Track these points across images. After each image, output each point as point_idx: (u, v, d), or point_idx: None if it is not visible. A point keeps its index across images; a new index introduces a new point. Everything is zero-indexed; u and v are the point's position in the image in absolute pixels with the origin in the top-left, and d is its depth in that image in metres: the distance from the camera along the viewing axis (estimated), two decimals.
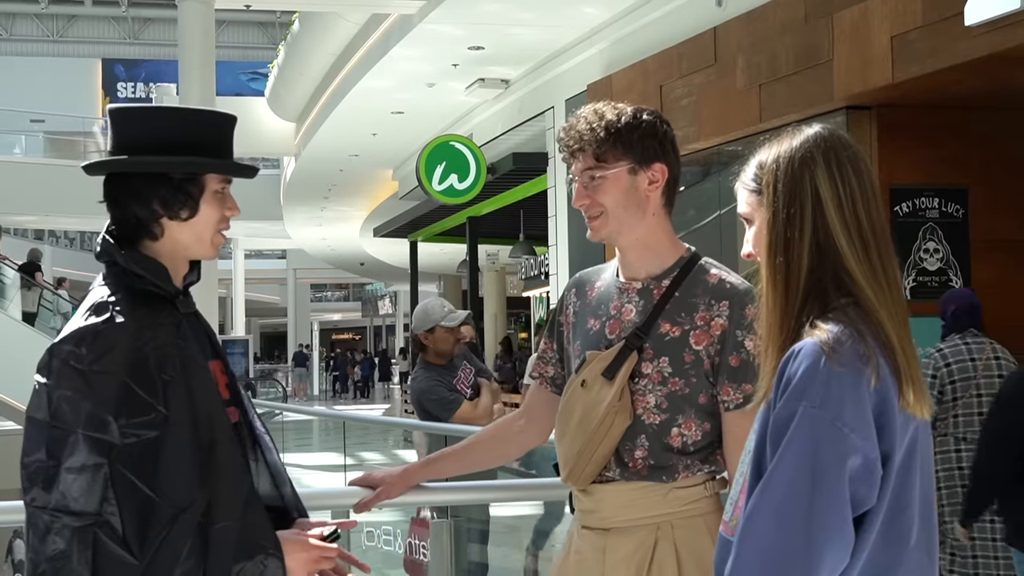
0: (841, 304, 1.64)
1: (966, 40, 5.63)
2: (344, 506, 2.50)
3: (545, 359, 2.51)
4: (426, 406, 5.50)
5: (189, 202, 2.01)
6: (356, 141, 15.43)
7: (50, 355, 1.89)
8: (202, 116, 2.09)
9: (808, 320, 1.64)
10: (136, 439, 1.86)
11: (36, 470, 1.84)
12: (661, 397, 2.23)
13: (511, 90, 12.11)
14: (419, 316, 5.59)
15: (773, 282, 1.69)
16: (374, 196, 20.17)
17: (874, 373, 1.57)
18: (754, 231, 1.75)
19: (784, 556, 1.54)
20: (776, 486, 1.56)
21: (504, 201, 14.07)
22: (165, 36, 39.29)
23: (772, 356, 1.67)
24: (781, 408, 1.58)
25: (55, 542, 1.82)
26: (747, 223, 1.77)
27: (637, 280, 2.32)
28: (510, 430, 2.57)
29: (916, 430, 1.63)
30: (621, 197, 2.28)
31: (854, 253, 1.65)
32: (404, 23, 10.42)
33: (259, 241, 33.57)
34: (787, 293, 1.67)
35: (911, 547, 1.62)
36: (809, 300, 1.66)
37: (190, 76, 10.48)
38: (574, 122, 2.32)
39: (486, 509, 5.59)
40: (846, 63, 6.49)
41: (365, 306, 51.67)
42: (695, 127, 7.98)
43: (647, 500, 2.24)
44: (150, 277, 1.99)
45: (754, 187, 1.74)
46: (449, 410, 5.43)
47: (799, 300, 1.66)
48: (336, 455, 10.59)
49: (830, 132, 1.72)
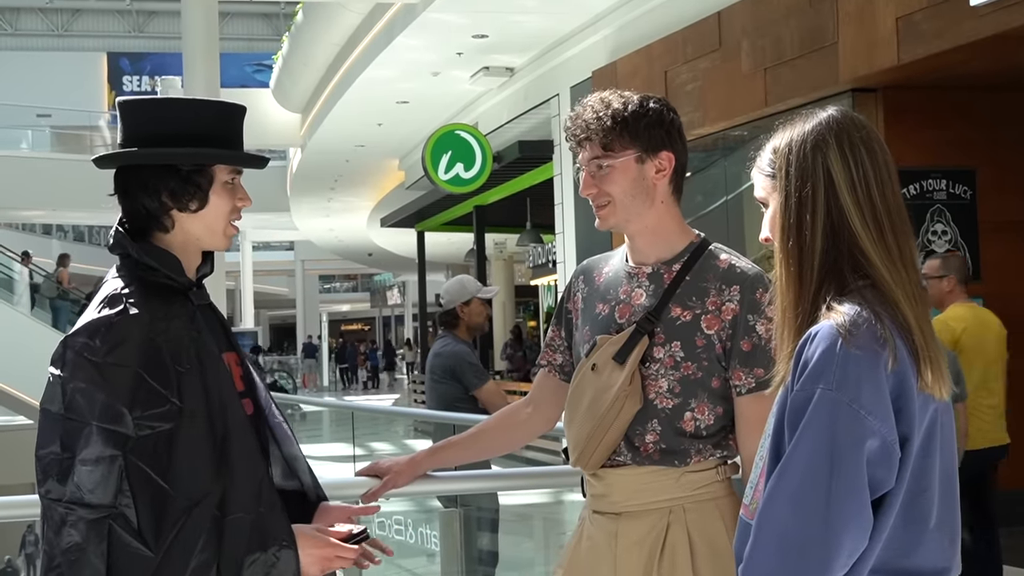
0: (858, 286, 1.64)
1: (972, 20, 5.61)
2: (352, 496, 2.51)
3: (553, 347, 2.51)
4: (464, 368, 5.54)
5: (199, 194, 2.02)
6: (362, 131, 15.42)
7: (64, 347, 1.89)
8: (211, 107, 2.09)
9: (825, 303, 1.64)
10: (151, 431, 1.86)
11: (51, 462, 1.84)
12: (674, 381, 2.23)
13: (516, 78, 12.09)
14: (455, 290, 5.68)
15: (787, 265, 1.68)
16: (380, 186, 20.16)
17: (891, 355, 1.57)
18: (769, 215, 1.75)
19: (802, 540, 1.54)
20: (794, 470, 1.56)
21: (510, 189, 14.06)
22: (169, 29, 39.27)
23: (788, 339, 1.67)
24: (798, 391, 1.58)
25: (70, 534, 1.82)
26: (764, 207, 1.78)
27: (647, 264, 2.32)
28: (517, 418, 2.58)
29: (936, 412, 1.63)
30: (628, 186, 2.28)
31: (868, 234, 1.64)
32: (408, 12, 10.40)
33: (266, 233, 33.61)
34: (801, 276, 1.67)
35: (931, 528, 1.62)
36: (825, 282, 1.65)
37: (194, 69, 10.49)
38: (580, 111, 2.32)
39: (495, 498, 5.61)
40: (851, 45, 6.47)
41: (374, 296, 51.71)
42: (700, 112, 7.97)
43: (659, 484, 2.24)
44: (163, 269, 2.00)
45: (769, 172, 1.74)
46: (482, 379, 5.51)
47: (814, 283, 1.66)
48: (346, 445, 10.60)
49: (843, 114, 1.71)
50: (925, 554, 1.62)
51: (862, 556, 1.56)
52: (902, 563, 1.61)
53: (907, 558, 1.61)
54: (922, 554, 1.62)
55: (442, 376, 5.62)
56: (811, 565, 1.53)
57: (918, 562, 1.62)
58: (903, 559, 1.61)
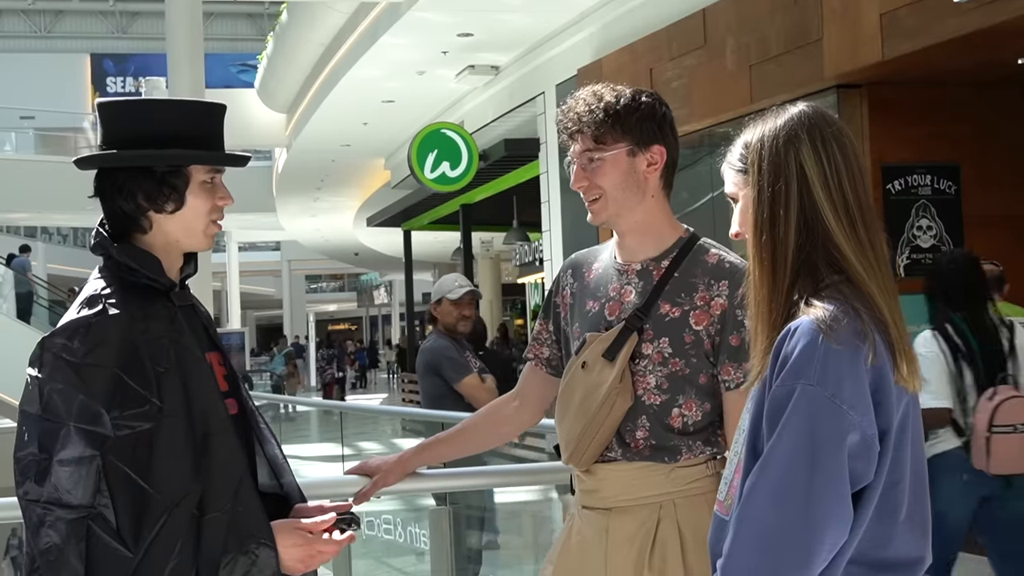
0: (833, 280, 1.64)
1: (955, 16, 5.63)
2: (341, 495, 2.50)
3: (540, 340, 2.51)
4: (441, 363, 5.54)
5: (174, 195, 2.00)
6: (347, 131, 15.40)
7: (42, 348, 1.89)
8: (188, 107, 2.09)
9: (801, 298, 1.64)
10: (130, 431, 1.85)
11: (29, 463, 1.84)
12: (662, 378, 2.24)
13: (501, 76, 12.09)
14: (433, 289, 5.77)
15: (760, 260, 1.69)
16: (367, 186, 20.14)
17: (871, 350, 1.58)
18: (739, 209, 1.76)
19: (783, 534, 1.54)
20: (775, 464, 1.56)
21: (497, 188, 14.05)
22: (153, 30, 39.14)
23: (763, 334, 1.67)
24: (778, 387, 1.58)
25: (48, 535, 1.81)
26: (733, 202, 1.78)
27: (636, 262, 2.33)
28: (504, 412, 2.57)
29: (907, 404, 1.64)
30: (620, 179, 2.28)
31: (842, 229, 1.65)
32: (392, 11, 10.39)
33: (253, 233, 33.51)
34: (775, 271, 1.67)
35: (902, 519, 1.63)
36: (800, 277, 1.66)
37: (179, 69, 10.44)
38: (572, 104, 2.31)
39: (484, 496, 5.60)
40: (836, 42, 6.48)
41: (361, 296, 51.63)
42: (687, 109, 7.97)
43: (649, 480, 2.24)
44: (143, 270, 1.99)
45: (740, 167, 1.75)
46: (460, 373, 5.49)
47: (788, 277, 1.66)
48: (334, 445, 10.58)
49: (814, 110, 1.72)
50: (899, 545, 1.63)
51: (841, 549, 1.57)
52: (878, 554, 1.62)
53: (883, 549, 1.62)
54: (896, 545, 1.63)
55: (425, 372, 5.64)
56: (792, 560, 1.54)
57: (893, 553, 1.63)
58: (879, 550, 1.62)
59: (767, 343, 1.65)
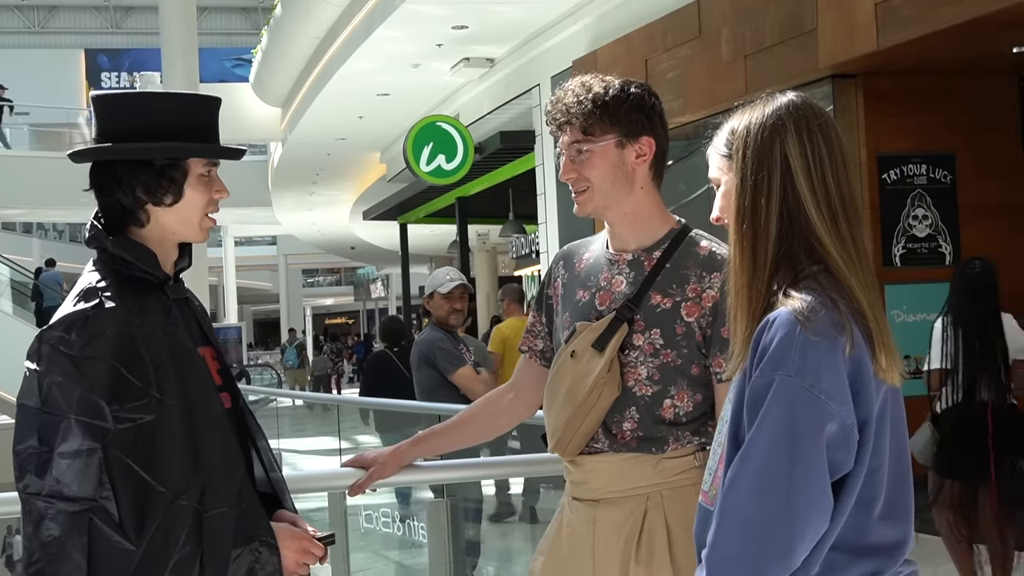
0: (812, 271, 1.65)
1: (950, 5, 5.62)
2: (337, 488, 2.50)
3: (534, 332, 2.51)
4: (435, 354, 5.57)
5: (172, 188, 2.01)
6: (342, 124, 15.37)
7: (39, 342, 1.89)
8: (183, 100, 2.08)
9: (780, 288, 1.64)
10: (131, 423, 1.86)
11: (28, 457, 1.84)
12: (653, 369, 2.23)
13: (496, 69, 12.07)
14: (426, 283, 5.82)
15: (740, 247, 1.70)
16: (362, 179, 20.11)
17: (849, 340, 1.59)
18: (721, 194, 1.76)
19: (764, 525, 1.55)
20: (755, 455, 1.57)
21: (492, 180, 14.03)
22: (147, 25, 38.99)
23: (742, 323, 1.69)
24: (757, 377, 1.60)
25: (49, 528, 1.81)
26: (716, 187, 1.78)
27: (627, 251, 2.32)
28: (499, 404, 2.58)
29: (886, 394, 1.65)
30: (608, 171, 2.27)
31: (823, 221, 1.66)
32: (387, 4, 10.36)
33: (249, 228, 33.46)
34: (755, 259, 1.68)
35: (881, 505, 1.64)
36: (780, 267, 1.67)
37: (173, 64, 10.45)
38: (561, 95, 2.31)
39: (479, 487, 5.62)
40: (831, 32, 6.47)
41: (357, 290, 51.57)
42: (681, 100, 7.97)
43: (637, 471, 2.24)
44: (138, 263, 1.99)
45: (725, 152, 1.76)
46: (455, 365, 5.51)
47: (768, 267, 1.67)
48: (331, 439, 10.57)
49: (802, 100, 1.73)
50: (880, 530, 1.65)
51: (823, 536, 1.59)
52: (860, 539, 1.63)
53: (864, 535, 1.63)
54: (877, 530, 1.64)
55: (419, 363, 5.67)
56: (775, 550, 1.55)
57: (875, 538, 1.64)
58: (861, 536, 1.63)
59: (747, 332, 1.66)
